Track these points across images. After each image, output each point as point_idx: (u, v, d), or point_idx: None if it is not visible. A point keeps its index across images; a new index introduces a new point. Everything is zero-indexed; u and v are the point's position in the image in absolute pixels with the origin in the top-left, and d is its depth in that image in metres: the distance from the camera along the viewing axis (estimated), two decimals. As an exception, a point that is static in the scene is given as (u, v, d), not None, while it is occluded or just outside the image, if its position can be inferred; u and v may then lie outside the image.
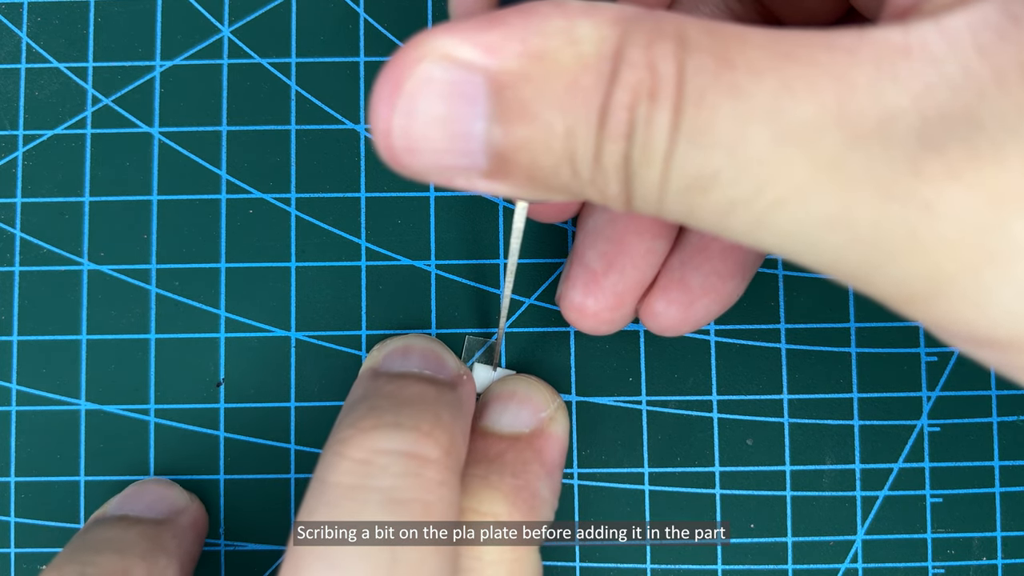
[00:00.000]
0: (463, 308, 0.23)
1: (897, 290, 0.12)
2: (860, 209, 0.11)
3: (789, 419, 0.23)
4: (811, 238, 0.12)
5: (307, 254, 0.23)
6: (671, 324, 0.20)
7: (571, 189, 0.13)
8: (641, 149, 0.12)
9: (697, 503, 0.23)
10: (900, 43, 0.11)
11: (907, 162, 0.11)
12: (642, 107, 0.11)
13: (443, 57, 0.12)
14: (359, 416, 0.18)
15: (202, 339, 0.23)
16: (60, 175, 0.23)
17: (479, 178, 0.13)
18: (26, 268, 0.23)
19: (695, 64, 0.11)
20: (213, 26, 0.23)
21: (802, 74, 0.11)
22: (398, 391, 0.18)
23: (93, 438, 0.23)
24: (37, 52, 0.23)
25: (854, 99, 0.11)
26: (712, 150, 0.11)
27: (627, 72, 0.11)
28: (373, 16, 0.24)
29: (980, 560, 0.22)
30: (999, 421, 0.23)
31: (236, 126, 0.23)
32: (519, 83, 0.12)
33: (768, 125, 0.11)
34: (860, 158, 0.11)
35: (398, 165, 0.13)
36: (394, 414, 0.17)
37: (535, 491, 0.19)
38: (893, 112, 0.11)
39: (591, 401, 0.23)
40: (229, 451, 0.23)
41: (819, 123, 0.11)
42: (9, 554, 0.22)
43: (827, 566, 0.22)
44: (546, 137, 0.12)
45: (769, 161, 0.11)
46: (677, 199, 0.12)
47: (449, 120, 0.12)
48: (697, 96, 0.11)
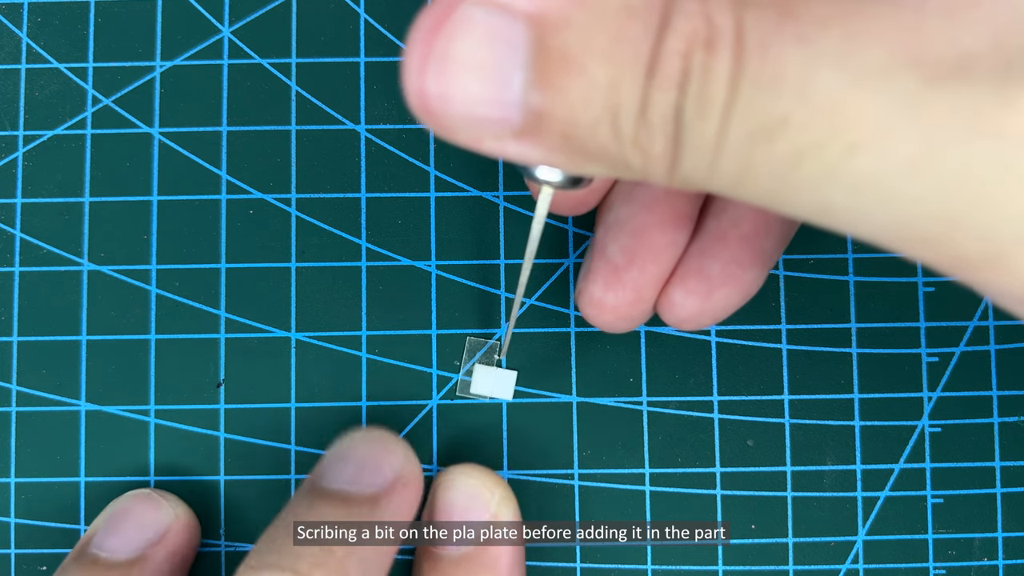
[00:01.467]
0: (464, 309, 0.23)
1: (980, 243, 0.11)
2: (946, 149, 0.11)
3: (790, 420, 0.23)
4: (889, 188, 0.11)
5: (307, 254, 0.23)
6: (689, 315, 0.19)
7: (608, 152, 0.12)
8: (696, 99, 0.11)
9: (698, 504, 0.23)
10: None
11: (995, 95, 0.10)
12: (698, 55, 0.11)
13: (485, 0, 0.12)
14: (253, 551, 0.18)
15: (202, 340, 0.23)
16: (60, 175, 0.23)
17: (510, 137, 0.12)
18: (26, 268, 0.23)
19: (755, 16, 0.11)
20: (213, 26, 0.23)
21: (869, 24, 0.11)
22: (304, 517, 0.18)
23: (93, 439, 0.23)
24: (37, 52, 0.23)
25: (928, 44, 0.11)
26: (780, 95, 0.11)
27: (680, 21, 0.11)
28: (373, 16, 0.24)
29: (981, 561, 0.22)
30: (1000, 422, 0.23)
31: (236, 126, 0.23)
32: (562, 29, 0.11)
33: (839, 69, 0.11)
34: (943, 95, 0.10)
35: (428, 114, 0.12)
36: (277, 554, 0.17)
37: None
38: (972, 52, 0.11)
39: (592, 402, 0.23)
40: (229, 451, 0.23)
41: (895, 64, 0.11)
42: (9, 555, 0.22)
43: (828, 567, 0.22)
44: (588, 89, 0.11)
45: (843, 103, 0.11)
46: (735, 153, 0.11)
47: (487, 66, 0.12)
48: (759, 45, 0.11)
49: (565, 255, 0.23)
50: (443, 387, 0.23)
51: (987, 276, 0.12)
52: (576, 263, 0.23)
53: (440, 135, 0.13)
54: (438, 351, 0.23)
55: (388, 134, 0.23)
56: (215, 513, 0.22)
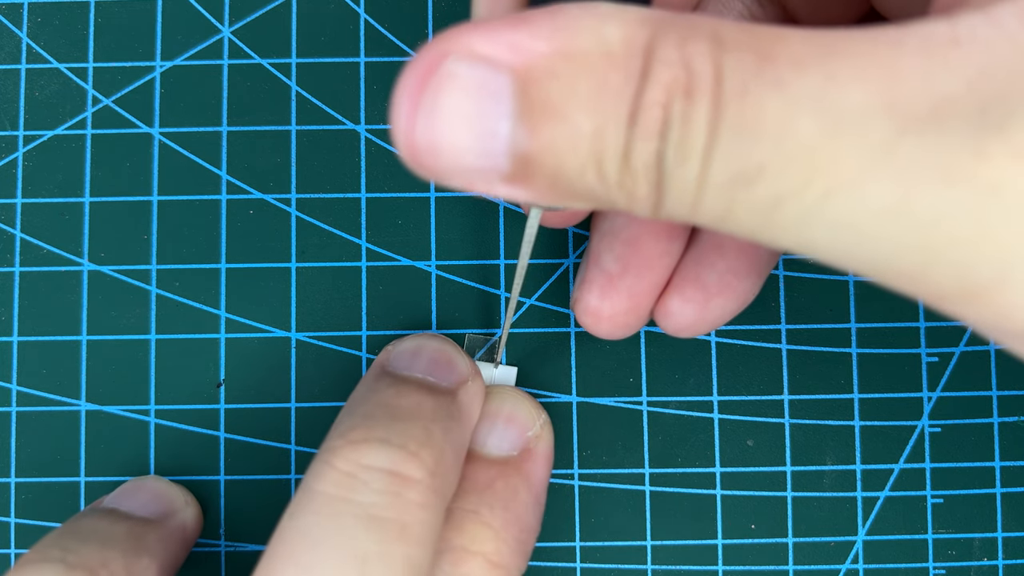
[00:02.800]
0: (464, 309, 0.23)
1: (956, 283, 0.12)
2: (920, 196, 0.11)
3: (790, 420, 0.23)
4: (866, 230, 0.11)
5: (307, 254, 0.23)
6: (686, 324, 0.20)
7: (595, 194, 0.12)
8: (677, 146, 0.11)
9: (698, 504, 0.23)
10: (948, 34, 0.11)
11: (968, 145, 0.11)
12: (677, 104, 0.11)
13: (469, 54, 0.12)
14: (351, 426, 0.18)
15: (202, 340, 0.23)
16: (60, 175, 0.23)
17: (500, 182, 0.12)
18: (26, 268, 0.23)
19: (734, 61, 0.11)
20: (213, 26, 0.23)
21: (847, 65, 0.11)
22: (395, 400, 0.18)
23: (93, 438, 0.23)
24: (37, 52, 0.23)
25: (904, 87, 0.11)
26: (757, 141, 0.11)
27: (660, 70, 0.11)
28: (373, 16, 0.24)
29: (981, 561, 0.22)
30: (1000, 422, 0.23)
31: (236, 126, 0.23)
32: (545, 81, 0.12)
33: (816, 114, 0.11)
34: (916, 143, 0.11)
35: (418, 165, 0.13)
36: (385, 428, 0.17)
37: (525, 524, 0.20)
38: (947, 97, 0.11)
39: (592, 402, 0.23)
40: (229, 451, 0.23)
41: (870, 109, 0.11)
42: (9, 554, 0.22)
43: (828, 567, 0.22)
44: (573, 137, 0.12)
45: (820, 150, 0.11)
46: (716, 197, 0.12)
47: (473, 118, 0.12)
48: (738, 90, 0.11)
49: (565, 255, 0.23)
50: (443, 387, 0.23)
51: (965, 311, 0.12)
52: (575, 263, 0.23)
53: (431, 181, 0.13)
54: (438, 351, 0.23)
55: (388, 134, 0.23)
56: (215, 513, 0.22)
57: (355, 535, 0.16)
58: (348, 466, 0.17)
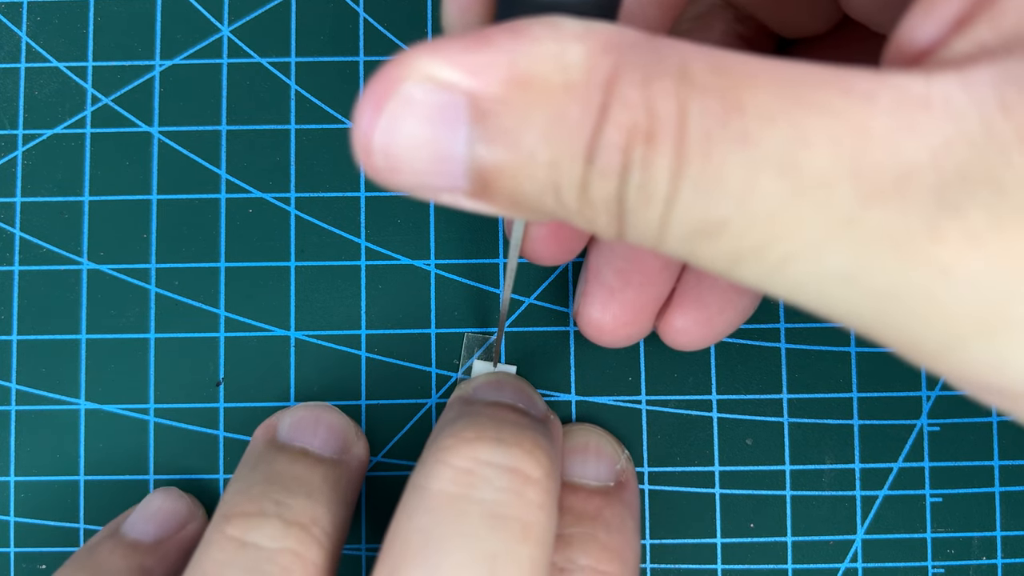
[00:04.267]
0: (463, 308, 0.23)
1: (911, 346, 0.12)
2: (875, 268, 0.11)
3: (789, 419, 0.23)
4: (824, 293, 0.11)
5: (307, 254, 0.23)
6: (691, 340, 0.20)
7: (557, 215, 0.12)
8: (638, 190, 0.11)
9: (697, 503, 0.23)
10: (921, 94, 0.11)
11: (925, 224, 0.10)
12: (638, 150, 0.11)
13: (425, 78, 0.12)
14: (460, 427, 0.18)
15: (202, 339, 0.23)
16: (60, 175, 0.23)
17: (463, 198, 0.12)
18: (26, 268, 0.23)
19: (699, 105, 0.11)
20: (213, 25, 0.23)
21: (817, 123, 0.11)
22: (497, 413, 0.19)
23: (93, 438, 0.23)
24: (37, 51, 0.23)
25: (871, 152, 0.11)
26: (720, 199, 0.11)
27: (619, 111, 0.11)
28: (373, 16, 0.24)
29: (980, 560, 0.22)
30: (999, 420, 0.23)
31: (236, 125, 0.23)
32: (501, 109, 0.11)
33: (780, 177, 0.11)
34: (876, 217, 0.11)
35: (380, 181, 0.13)
36: (496, 430, 0.17)
37: (635, 548, 0.20)
38: (911, 168, 0.10)
39: (591, 401, 0.23)
40: (229, 451, 0.23)
41: (834, 177, 0.11)
42: (9, 554, 0.22)
43: (827, 566, 0.22)
44: (529, 165, 0.12)
45: (781, 215, 0.11)
46: (679, 242, 0.12)
47: (430, 142, 0.12)
48: (702, 142, 0.11)
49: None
50: (442, 386, 0.23)
51: (929, 366, 0.12)
52: (575, 263, 0.23)
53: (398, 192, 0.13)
54: (437, 350, 0.23)
55: (387, 133, 0.23)
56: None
57: (481, 534, 0.16)
58: (466, 463, 0.17)
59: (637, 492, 0.22)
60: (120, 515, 0.22)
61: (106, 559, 0.20)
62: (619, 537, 0.20)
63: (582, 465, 0.21)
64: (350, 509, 0.20)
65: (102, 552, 0.20)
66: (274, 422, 0.21)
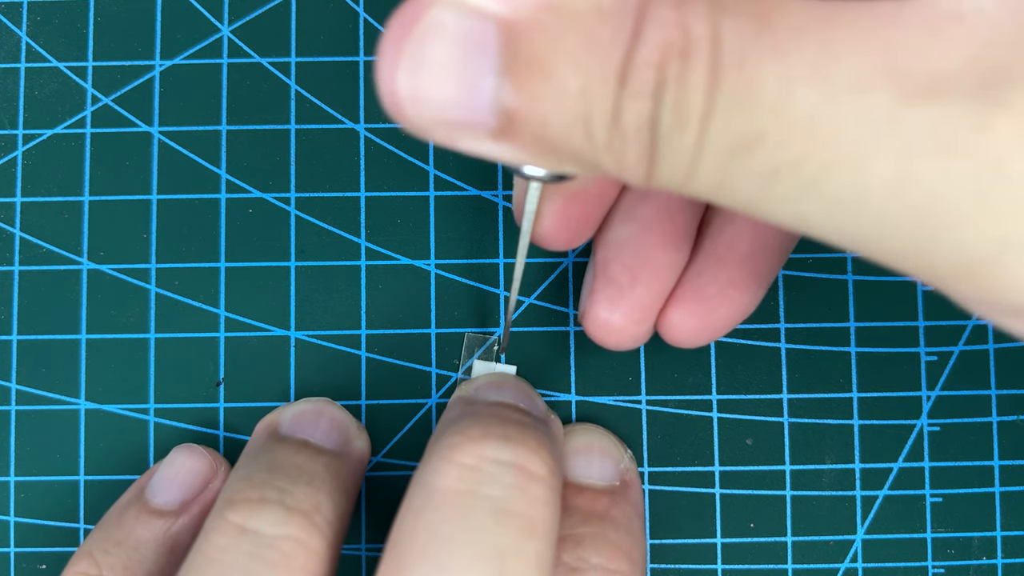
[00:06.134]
0: (463, 308, 0.23)
1: (954, 259, 0.11)
2: (921, 170, 0.11)
3: (789, 419, 0.23)
4: (864, 205, 0.11)
5: (307, 254, 0.23)
6: (689, 335, 0.20)
7: (583, 155, 0.12)
8: (672, 110, 0.11)
9: (696, 502, 0.23)
10: (952, 9, 0.11)
11: (971, 119, 0.10)
12: (673, 66, 0.11)
13: (455, 3, 0.11)
14: (465, 426, 0.17)
15: (202, 338, 0.23)
16: (60, 174, 0.23)
17: (486, 138, 0.12)
18: (26, 267, 0.23)
19: (732, 25, 0.11)
20: (213, 25, 0.23)
21: (846, 36, 0.11)
22: (500, 411, 0.19)
23: (93, 438, 0.23)
24: (37, 51, 0.23)
25: (905, 59, 0.10)
26: (757, 110, 0.11)
27: (654, 29, 0.11)
28: (373, 16, 0.24)
29: (980, 560, 0.22)
30: (999, 420, 0.23)
31: (236, 125, 0.23)
32: (532, 34, 0.11)
33: (816, 85, 0.11)
34: (920, 115, 0.10)
35: (401, 116, 0.12)
36: (501, 428, 0.17)
37: (642, 546, 0.20)
38: (949, 71, 0.10)
39: (591, 401, 0.23)
40: (228, 451, 0.23)
41: (870, 81, 0.10)
42: (9, 553, 0.22)
43: (827, 566, 0.22)
44: (559, 95, 0.11)
45: (820, 121, 0.11)
46: (713, 165, 0.11)
47: (458, 70, 0.12)
48: (737, 57, 0.11)
49: (565, 254, 0.23)
50: (442, 386, 0.23)
51: (961, 289, 0.12)
52: (575, 263, 0.23)
53: (415, 135, 0.13)
54: (437, 350, 0.23)
55: (387, 133, 0.23)
56: (214, 512, 0.22)
57: (489, 530, 0.16)
58: (472, 460, 0.17)
59: (641, 491, 0.22)
60: (146, 473, 0.22)
61: (132, 528, 0.20)
62: (628, 536, 0.20)
63: (587, 465, 0.21)
64: (351, 501, 0.20)
65: (127, 520, 0.20)
66: (276, 416, 0.21)
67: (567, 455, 0.21)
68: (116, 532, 0.20)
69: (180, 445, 0.22)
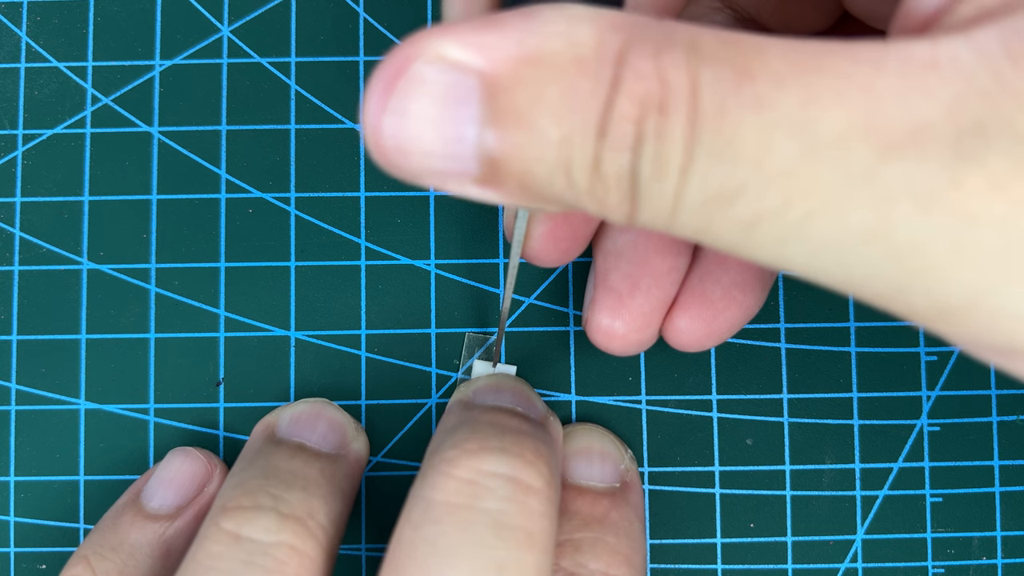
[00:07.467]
0: (462, 308, 0.23)
1: (934, 304, 0.12)
2: (898, 220, 0.11)
3: (789, 419, 0.23)
4: (844, 252, 0.11)
5: (307, 254, 0.23)
6: (695, 340, 0.20)
7: (566, 200, 0.12)
8: (651, 162, 0.11)
9: (697, 502, 0.23)
10: (928, 56, 0.11)
11: (946, 174, 0.11)
12: (651, 120, 0.11)
13: (437, 58, 0.12)
14: (462, 438, 0.18)
15: (202, 338, 0.23)
16: (60, 174, 0.23)
17: (471, 184, 0.12)
18: (26, 267, 0.23)
19: (711, 74, 0.11)
20: (213, 25, 0.23)
21: (827, 85, 0.11)
22: (499, 419, 0.19)
23: (93, 438, 0.23)
24: (36, 51, 0.23)
25: (883, 110, 0.11)
26: (736, 162, 0.11)
27: (631, 82, 0.11)
28: (373, 16, 0.24)
29: (980, 560, 0.22)
30: (999, 420, 0.23)
31: (236, 125, 0.23)
32: (513, 87, 0.11)
33: (796, 136, 0.11)
34: (895, 170, 0.11)
35: (388, 165, 0.13)
36: (498, 439, 0.18)
37: (642, 549, 0.20)
38: (925, 123, 0.11)
39: (591, 401, 0.23)
40: (228, 451, 0.23)
41: (849, 134, 0.11)
42: (9, 553, 0.22)
43: (827, 566, 0.22)
44: (539, 144, 0.12)
45: (799, 173, 0.11)
46: (694, 214, 0.12)
47: (441, 122, 0.12)
48: (716, 107, 0.11)
49: (564, 254, 0.23)
50: (442, 386, 0.23)
51: (943, 329, 0.12)
52: (575, 263, 0.23)
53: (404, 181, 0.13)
54: (437, 350, 0.23)
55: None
56: (214, 512, 0.22)
57: (488, 543, 0.16)
58: (469, 474, 0.17)
59: (641, 492, 0.22)
60: (141, 476, 0.22)
61: (127, 533, 0.20)
62: (627, 540, 0.20)
63: (587, 467, 0.21)
64: (348, 503, 0.20)
65: (123, 524, 0.20)
66: (274, 418, 0.21)
67: (567, 457, 0.21)
68: (111, 537, 0.20)
69: (176, 448, 0.22)
